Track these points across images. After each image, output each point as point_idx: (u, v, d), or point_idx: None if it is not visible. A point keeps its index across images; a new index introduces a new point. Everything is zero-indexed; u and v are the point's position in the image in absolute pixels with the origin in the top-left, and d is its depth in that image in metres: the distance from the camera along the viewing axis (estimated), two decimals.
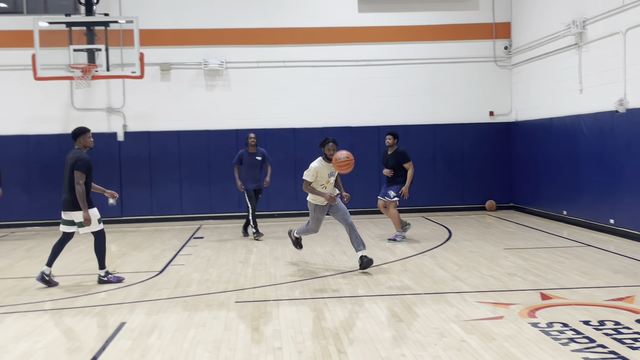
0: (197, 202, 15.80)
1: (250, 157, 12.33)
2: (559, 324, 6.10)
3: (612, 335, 5.72)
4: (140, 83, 15.08)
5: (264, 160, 12.46)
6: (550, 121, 14.01)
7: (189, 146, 15.76)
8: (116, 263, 10.25)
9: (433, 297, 7.36)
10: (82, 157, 8.46)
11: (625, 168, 11.14)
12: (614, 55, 11.54)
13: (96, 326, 6.59)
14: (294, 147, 15.72)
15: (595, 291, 7.42)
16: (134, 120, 15.76)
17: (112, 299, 7.75)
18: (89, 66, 13.38)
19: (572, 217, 13.10)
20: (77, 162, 8.41)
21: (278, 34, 15.99)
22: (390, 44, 16.17)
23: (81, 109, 15.67)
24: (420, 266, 9.20)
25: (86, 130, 8.72)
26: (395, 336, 5.91)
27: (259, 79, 15.96)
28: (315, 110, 16.01)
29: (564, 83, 13.46)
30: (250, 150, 12.34)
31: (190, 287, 8.27)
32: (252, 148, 12.35)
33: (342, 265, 9.54)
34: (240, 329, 6.31)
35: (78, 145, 8.65)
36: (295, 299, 7.50)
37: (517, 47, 15.92)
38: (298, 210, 15.65)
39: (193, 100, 15.86)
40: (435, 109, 16.24)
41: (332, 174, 9.25)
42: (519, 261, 9.38)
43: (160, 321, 6.70)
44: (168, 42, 15.77)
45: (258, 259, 10.29)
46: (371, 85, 16.11)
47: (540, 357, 5.23)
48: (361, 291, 7.80)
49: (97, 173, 15.21)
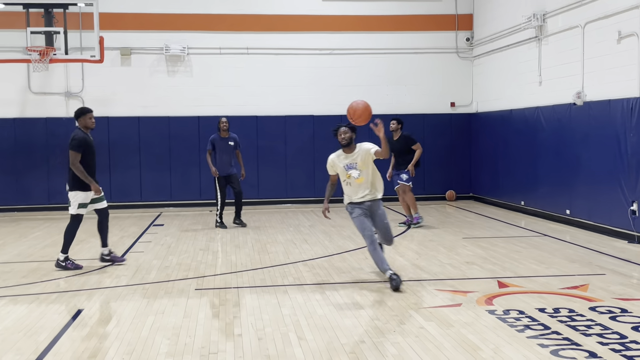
0: (157, 189, 15.63)
1: (222, 142, 12.09)
2: (515, 311, 6.21)
3: (566, 322, 5.85)
4: (100, 67, 14.80)
5: (236, 146, 12.21)
6: (510, 113, 14.21)
7: (149, 132, 15.57)
8: (74, 250, 10.07)
9: None
10: (76, 137, 8.31)
11: (581, 160, 11.37)
12: (572, 49, 11.75)
13: (52, 313, 6.48)
14: (257, 134, 15.65)
15: (551, 279, 7.57)
16: (93, 105, 15.30)
17: (69, 286, 7.63)
18: (47, 49, 13.06)
19: (530, 207, 13.34)
20: (71, 142, 8.30)
21: (241, 20, 15.86)
22: (354, 33, 16.18)
23: (38, 92, 15.34)
24: None
25: (87, 111, 8.56)
26: (355, 323, 5.95)
27: (221, 66, 15.82)
28: (278, 98, 15.95)
29: (524, 75, 13.66)
30: (223, 135, 12.12)
31: (149, 275, 8.19)
32: (224, 133, 12.12)
33: (304, 253, 9.55)
34: (200, 316, 6.27)
35: (79, 126, 8.51)
36: (256, 287, 7.49)
37: (478, 39, 16.08)
38: (260, 199, 15.62)
39: (154, 86, 15.65)
40: (397, 99, 16.33)
41: (349, 165, 7.53)
42: (477, 250, 9.52)
43: (119, 308, 6.63)
44: (129, 26, 15.52)
45: (219, 246, 10.24)
46: (334, 74, 16.11)
47: (497, 343, 5.33)
48: (322, 279, 7.82)
49: (53, 158, 15.08)
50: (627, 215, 10.03)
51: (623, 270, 8.04)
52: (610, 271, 7.96)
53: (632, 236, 9.94)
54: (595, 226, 10.95)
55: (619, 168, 10.26)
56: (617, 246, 9.66)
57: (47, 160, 15.19)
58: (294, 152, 15.95)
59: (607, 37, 10.66)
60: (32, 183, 15.20)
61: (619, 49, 10.37)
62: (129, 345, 5.42)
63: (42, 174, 15.20)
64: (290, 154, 15.95)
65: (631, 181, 9.96)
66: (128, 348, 5.35)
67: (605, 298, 6.66)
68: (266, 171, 15.69)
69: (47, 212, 14.95)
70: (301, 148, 15.96)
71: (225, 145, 12.07)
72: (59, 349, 5.38)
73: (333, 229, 11.80)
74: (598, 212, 10.90)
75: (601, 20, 10.85)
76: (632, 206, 9.91)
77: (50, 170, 15.17)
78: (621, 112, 10.17)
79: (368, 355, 5.09)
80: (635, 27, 9.92)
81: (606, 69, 10.74)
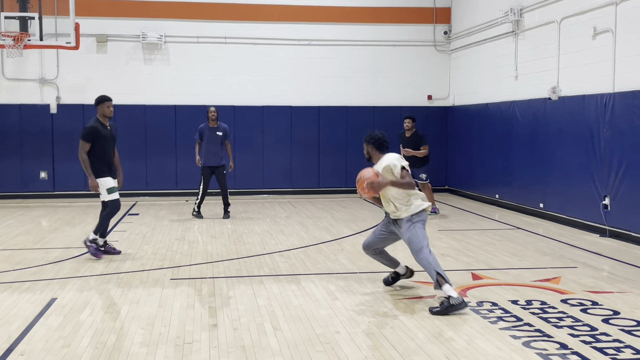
0: (133, 178, 15.45)
1: (210, 132, 11.97)
2: (489, 303, 6.29)
3: (538, 314, 5.93)
4: (75, 54, 14.60)
5: (225, 136, 12.05)
6: (486, 106, 14.32)
7: (125, 121, 15.36)
8: (47, 238, 9.99)
9: (369, 276, 7.46)
10: (88, 126, 8.27)
11: (555, 154, 11.50)
12: (548, 44, 11.86)
13: (25, 302, 6.41)
14: (234, 125, 15.57)
15: (524, 272, 7.67)
16: (68, 92, 15.29)
17: (43, 275, 7.56)
18: (21, 35, 12.84)
19: (504, 200, 13.47)
20: (83, 131, 8.26)
21: (219, 9, 15.75)
22: (333, 24, 16.16)
23: (12, 79, 15.11)
24: (357, 246, 9.30)
25: (105, 99, 8.47)
26: (330, 314, 5.98)
27: (199, 55, 15.71)
28: (256, 89, 15.89)
29: (500, 69, 13.76)
30: (211, 125, 11.99)
31: (124, 264, 8.14)
32: (213, 122, 11.98)
33: (280, 244, 9.56)
34: (175, 306, 6.26)
35: (98, 114, 8.43)
36: (231, 277, 7.48)
37: (456, 32, 16.16)
38: (236, 189, 15.58)
39: (130, 73, 15.49)
40: (375, 91, 16.36)
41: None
42: (452, 242, 9.61)
43: (93, 298, 6.59)
44: (105, 13, 15.33)
45: (195, 236, 10.20)
46: (313, 65, 16.08)
47: (470, 334, 5.39)
48: (298, 270, 7.84)
49: (27, 146, 14.90)
50: (599, 209, 10.18)
51: (594, 263, 8.17)
52: (581, 264, 8.09)
53: (604, 230, 10.09)
54: (568, 220, 11.10)
55: (592, 163, 10.40)
56: (588, 240, 9.80)
57: (20, 147, 14.99)
58: (272, 142, 15.92)
59: (582, 33, 10.78)
60: (4, 170, 14.99)
61: (594, 44, 10.49)
62: (102, 335, 5.40)
63: (15, 161, 15.00)
64: (268, 145, 15.91)
65: (604, 176, 10.10)
66: (102, 337, 5.33)
67: (577, 291, 6.76)
68: (243, 161, 15.63)
69: (20, 199, 14.77)
70: (279, 139, 15.93)
71: (212, 135, 11.96)
72: (32, 337, 5.34)
73: (310, 220, 11.82)
74: (571, 206, 11.05)
75: (577, 16, 10.97)
76: (604, 201, 10.07)
77: (24, 158, 14.98)
78: (595, 108, 10.30)
79: (343, 345, 5.12)
80: (610, 24, 10.04)
81: (581, 64, 10.86)
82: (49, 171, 15.15)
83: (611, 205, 9.95)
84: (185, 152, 14.93)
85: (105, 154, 8.35)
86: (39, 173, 15.17)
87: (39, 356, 4.91)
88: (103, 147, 8.31)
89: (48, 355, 4.94)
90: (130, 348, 5.08)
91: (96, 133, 8.25)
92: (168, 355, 4.94)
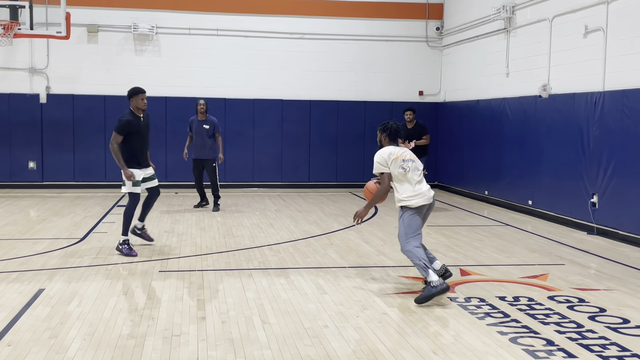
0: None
1: (198, 125, 11.96)
2: (476, 299, 6.32)
3: (525, 310, 5.97)
4: (66, 44, 14.50)
5: (214, 129, 11.99)
6: (477, 103, 14.36)
7: (115, 111, 15.14)
8: (35, 229, 9.94)
9: (357, 271, 7.48)
10: (122, 119, 8.19)
11: (544, 152, 11.55)
12: (540, 42, 11.89)
13: (12, 292, 6.39)
14: (225, 117, 15.54)
15: (512, 269, 7.71)
16: (58, 82, 15.20)
17: (30, 265, 7.52)
18: (12, 23, 12.74)
19: (493, 197, 13.52)
20: (117, 123, 8.17)
21: (212, 1, 15.69)
22: (325, 18, 16.13)
23: (1, 67, 15.00)
24: (346, 240, 9.32)
25: (139, 91, 8.36)
26: (318, 308, 5.99)
27: (190, 47, 15.64)
28: (247, 82, 15.85)
29: (491, 66, 13.79)
30: (200, 118, 11.99)
31: (112, 256, 8.12)
32: (201, 115, 11.97)
33: (270, 237, 9.56)
34: (163, 299, 6.25)
35: (131, 106, 8.35)
36: (220, 270, 7.48)
37: (448, 28, 16.18)
38: (226, 182, 15.56)
39: (121, 64, 15.41)
40: (366, 86, 16.36)
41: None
42: (440, 238, 9.64)
43: (81, 289, 6.56)
44: (96, 3, 15.23)
45: (184, 229, 10.18)
46: (304, 59, 16.06)
47: (458, 330, 5.42)
48: (287, 263, 7.85)
49: (16, 135, 14.81)
50: (587, 207, 10.24)
51: (581, 260, 8.23)
52: (569, 261, 8.14)
53: (592, 228, 10.15)
54: (556, 217, 11.16)
55: (581, 161, 10.45)
56: (576, 237, 9.86)
57: (9, 137, 14.90)
58: (262, 135, 15.89)
59: (573, 31, 10.82)
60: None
61: (585, 43, 10.53)
62: (90, 326, 5.38)
63: (3, 151, 14.90)
64: (258, 138, 15.89)
65: (592, 174, 10.16)
66: (90, 329, 5.32)
67: (564, 288, 6.81)
68: (234, 154, 15.60)
69: (9, 189, 14.68)
70: (269, 132, 15.91)
71: (200, 127, 11.96)
72: (19, 328, 5.32)
73: (299, 214, 11.82)
74: (559, 203, 11.11)
75: (569, 14, 11.00)
76: (593, 198, 10.13)
77: (13, 147, 14.90)
78: (585, 106, 10.35)
79: (331, 339, 5.14)
80: (601, 22, 10.08)
81: (572, 62, 10.90)
82: (37, 161, 15.06)
83: (599, 203, 10.01)
84: (175, 145, 14.90)
85: (136, 146, 8.27)
86: (28, 163, 15.07)
87: (26, 347, 4.90)
88: (135, 139, 8.25)
89: (35, 346, 4.92)
90: (118, 340, 5.07)
91: (130, 126, 8.19)
92: (156, 347, 4.93)
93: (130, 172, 8.12)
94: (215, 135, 12.04)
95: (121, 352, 4.82)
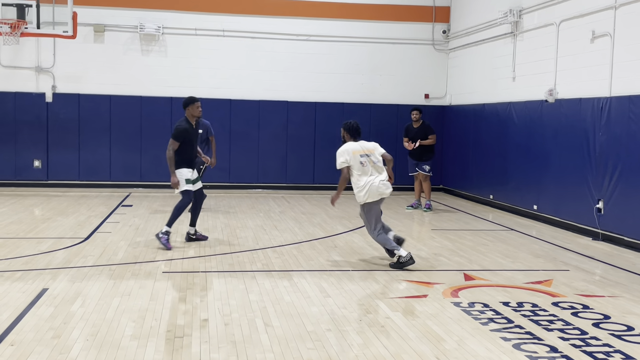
0: (127, 169, 15.47)
1: None
2: (480, 304, 6.30)
3: (529, 316, 5.95)
4: (72, 43, 14.51)
5: (207, 133, 11.58)
6: (482, 107, 14.33)
7: (120, 111, 15.37)
8: (39, 228, 9.96)
9: (361, 274, 7.47)
10: (178, 127, 8.71)
11: (550, 156, 11.52)
12: (546, 46, 11.86)
13: (16, 291, 6.39)
14: (230, 118, 15.56)
15: (516, 274, 7.69)
16: (64, 81, 15.23)
17: (34, 264, 7.53)
18: (19, 22, 12.77)
19: (498, 201, 13.49)
20: (174, 131, 8.69)
21: (218, 2, 15.71)
22: (331, 20, 16.13)
23: (8, 66, 15.04)
24: (350, 243, 9.31)
25: (194, 100, 8.84)
26: (321, 311, 5.98)
27: (196, 47, 15.65)
28: (252, 83, 15.85)
29: (498, 70, 13.76)
30: None
31: (116, 256, 8.12)
32: None
33: (273, 239, 9.55)
34: (166, 300, 6.25)
35: (187, 114, 8.78)
36: (224, 271, 7.48)
37: (455, 31, 16.15)
38: (231, 183, 15.57)
39: (127, 64, 15.43)
40: (372, 88, 16.35)
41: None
42: (445, 242, 9.62)
43: (84, 289, 6.57)
44: (103, 3, 15.26)
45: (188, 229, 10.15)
46: (310, 60, 16.05)
47: (461, 335, 5.40)
48: (290, 266, 7.84)
49: (22, 134, 14.84)
50: (592, 212, 10.21)
51: (586, 267, 8.20)
52: (574, 267, 8.11)
53: (597, 233, 10.12)
54: (562, 222, 11.13)
55: (586, 166, 10.42)
56: (581, 243, 9.83)
57: (15, 135, 14.94)
58: (267, 137, 15.89)
59: (581, 36, 10.78)
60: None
61: (592, 48, 10.50)
62: (93, 327, 5.38)
63: (9, 150, 14.94)
64: (263, 139, 15.88)
65: (598, 179, 10.12)
66: (93, 329, 5.32)
67: (568, 294, 6.78)
68: (238, 155, 15.61)
69: (14, 188, 14.72)
70: (274, 133, 15.90)
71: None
72: (22, 327, 5.32)
73: (303, 216, 11.82)
74: (565, 208, 11.07)
75: (576, 19, 10.97)
76: (598, 204, 10.09)
77: (18, 146, 14.93)
78: (591, 111, 10.31)
79: (333, 343, 5.13)
80: (609, 28, 10.05)
81: (579, 67, 10.87)
82: (43, 160, 15.10)
83: (605, 209, 9.97)
84: None
85: (189, 152, 8.76)
86: (33, 162, 15.11)
87: (29, 347, 4.90)
88: (188, 145, 8.73)
89: (38, 345, 4.92)
90: (120, 341, 5.07)
91: (186, 134, 8.67)
92: (159, 348, 4.93)
93: (177, 179, 8.62)
94: (209, 139, 11.72)
95: (124, 353, 4.82)
